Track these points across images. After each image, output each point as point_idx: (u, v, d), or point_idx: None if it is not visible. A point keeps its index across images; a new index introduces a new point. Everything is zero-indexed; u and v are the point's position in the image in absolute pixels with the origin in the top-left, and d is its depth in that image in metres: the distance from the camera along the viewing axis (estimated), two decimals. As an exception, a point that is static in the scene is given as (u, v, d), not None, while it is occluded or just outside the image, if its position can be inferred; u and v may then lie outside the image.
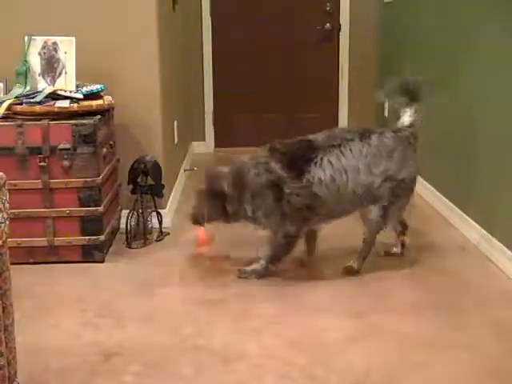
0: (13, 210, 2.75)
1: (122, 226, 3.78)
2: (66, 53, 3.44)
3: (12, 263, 1.96)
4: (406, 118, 3.23)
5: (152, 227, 3.74)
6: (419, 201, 4.42)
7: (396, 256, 3.41)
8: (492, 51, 3.39)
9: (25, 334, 2.42)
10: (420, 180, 4.55)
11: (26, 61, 3.46)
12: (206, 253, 3.56)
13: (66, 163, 3.27)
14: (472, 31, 3.66)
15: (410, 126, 3.21)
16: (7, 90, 3.55)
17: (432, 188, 4.32)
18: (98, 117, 3.35)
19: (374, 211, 3.12)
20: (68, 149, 3.26)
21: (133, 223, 3.64)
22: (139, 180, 3.67)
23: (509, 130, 3.18)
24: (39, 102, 3.28)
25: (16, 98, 3.35)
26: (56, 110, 3.27)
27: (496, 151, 3.33)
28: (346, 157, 3.03)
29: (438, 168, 4.27)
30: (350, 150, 3.04)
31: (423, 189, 4.49)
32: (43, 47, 3.46)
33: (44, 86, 3.42)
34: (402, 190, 3.14)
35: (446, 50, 4.10)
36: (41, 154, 3.26)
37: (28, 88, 3.44)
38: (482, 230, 3.47)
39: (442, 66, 4.17)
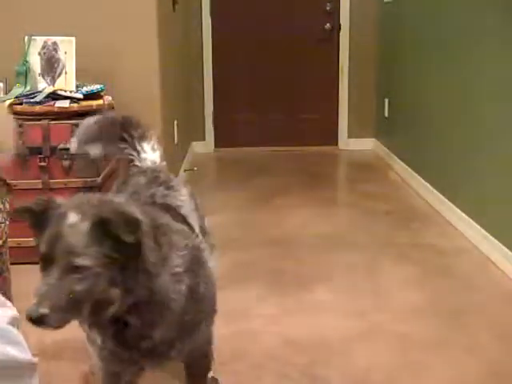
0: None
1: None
2: (66, 53, 3.44)
3: (12, 263, 1.96)
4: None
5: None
6: (419, 201, 4.43)
7: None
8: (491, 50, 3.39)
9: (25, 334, 2.41)
10: (420, 180, 4.57)
11: (26, 61, 3.45)
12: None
13: (65, 163, 3.27)
14: (472, 30, 3.66)
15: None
16: (7, 90, 3.55)
17: (432, 188, 4.32)
18: (98, 117, 3.35)
19: None
20: (68, 149, 3.26)
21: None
22: (139, 180, 3.65)
23: (509, 129, 3.18)
24: (39, 102, 3.28)
25: (16, 97, 3.35)
26: (56, 109, 3.27)
27: (500, 153, 3.33)
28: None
29: (438, 168, 4.27)
30: None
31: (423, 189, 4.49)
32: (43, 47, 3.46)
33: (44, 86, 3.42)
34: None
35: (446, 49, 4.10)
36: (41, 154, 3.26)
37: (28, 88, 3.44)
38: (483, 230, 3.46)
39: (442, 65, 4.17)
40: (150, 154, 2.15)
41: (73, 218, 1.41)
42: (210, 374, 2.18)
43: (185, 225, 1.76)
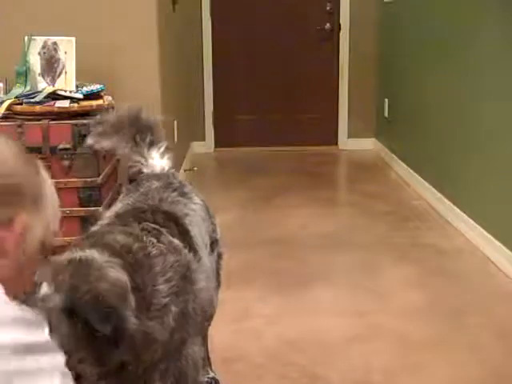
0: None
1: (122, 226, 3.77)
2: (66, 53, 3.43)
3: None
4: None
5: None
6: (419, 200, 4.42)
7: None
8: (491, 50, 3.39)
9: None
10: (420, 180, 4.57)
11: (26, 61, 3.45)
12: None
13: (65, 163, 3.27)
14: (471, 30, 3.66)
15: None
16: (7, 90, 3.55)
17: (432, 188, 4.32)
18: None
19: None
20: (68, 149, 3.26)
21: (133, 223, 3.62)
22: (139, 180, 3.65)
23: (509, 129, 3.18)
24: (39, 102, 3.28)
25: (16, 97, 3.35)
26: (56, 110, 3.27)
27: (500, 153, 3.33)
28: None
29: (438, 168, 4.27)
30: None
31: (423, 189, 4.49)
32: (43, 47, 3.46)
33: (44, 86, 3.42)
34: None
35: (446, 49, 4.10)
36: (41, 153, 3.25)
37: (28, 88, 3.44)
38: (483, 230, 3.46)
39: (442, 65, 4.17)
40: (158, 160, 2.13)
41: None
42: (211, 374, 2.19)
43: (181, 237, 1.65)
